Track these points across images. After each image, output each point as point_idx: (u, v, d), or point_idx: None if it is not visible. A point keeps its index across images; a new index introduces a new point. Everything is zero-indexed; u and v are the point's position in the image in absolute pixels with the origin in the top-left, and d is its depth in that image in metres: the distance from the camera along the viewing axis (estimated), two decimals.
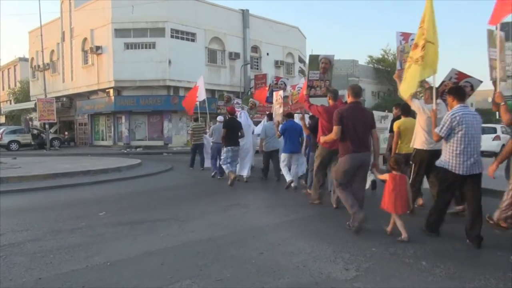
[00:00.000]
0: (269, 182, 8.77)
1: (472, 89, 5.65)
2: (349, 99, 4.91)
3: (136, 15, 23.11)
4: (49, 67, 29.11)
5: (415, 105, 5.35)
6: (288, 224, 5.22)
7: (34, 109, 27.68)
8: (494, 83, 4.99)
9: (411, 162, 5.51)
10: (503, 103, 4.23)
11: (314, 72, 7.61)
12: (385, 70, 38.80)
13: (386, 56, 39.40)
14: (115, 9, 23.18)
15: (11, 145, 23.79)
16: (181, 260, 3.79)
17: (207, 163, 11.37)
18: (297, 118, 9.20)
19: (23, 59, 38.97)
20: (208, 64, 25.74)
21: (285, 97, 10.40)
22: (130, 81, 23.80)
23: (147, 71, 23.33)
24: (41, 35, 24.62)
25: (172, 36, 23.81)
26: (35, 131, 26.38)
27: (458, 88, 4.66)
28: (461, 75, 5.59)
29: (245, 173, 9.36)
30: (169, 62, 23.46)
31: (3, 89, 43.27)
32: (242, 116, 9.98)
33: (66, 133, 30.02)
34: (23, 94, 35.74)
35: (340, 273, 3.43)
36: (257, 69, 28.85)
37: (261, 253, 3.98)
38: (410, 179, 5.25)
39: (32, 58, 32.05)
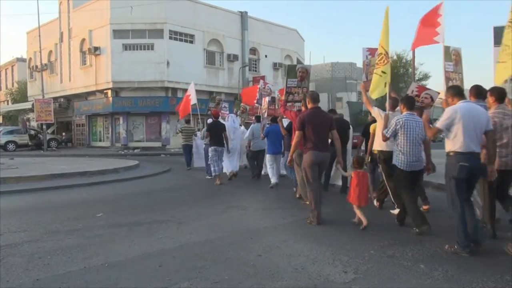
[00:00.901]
0: (266, 185, 8.77)
1: (432, 100, 6.15)
2: (309, 105, 5.52)
3: (134, 16, 23.10)
4: (47, 68, 29.04)
5: (374, 112, 5.96)
6: (286, 226, 5.21)
7: (31, 110, 27.59)
8: None
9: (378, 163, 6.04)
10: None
11: (292, 80, 8.46)
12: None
13: None
14: (113, 10, 23.17)
15: (8, 146, 23.72)
16: (179, 262, 3.78)
17: (197, 163, 12.07)
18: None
19: (20, 60, 38.87)
20: (206, 66, 25.75)
21: (272, 99, 11.19)
22: (128, 82, 23.77)
23: (145, 72, 23.31)
24: (39, 35, 24.58)
25: (170, 38, 23.81)
26: (32, 132, 26.32)
27: (408, 98, 5.32)
28: (420, 88, 6.26)
29: (234, 168, 10.04)
30: (168, 63, 23.46)
31: (1, 90, 43.13)
32: (229, 120, 10.57)
33: (63, 134, 29.92)
34: (20, 95, 35.66)
35: (339, 275, 3.44)
36: (256, 71, 28.89)
37: (259, 255, 3.98)
38: (383, 179, 5.94)
39: (30, 59, 31.98)
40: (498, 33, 6.29)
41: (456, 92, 4.23)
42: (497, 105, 4.47)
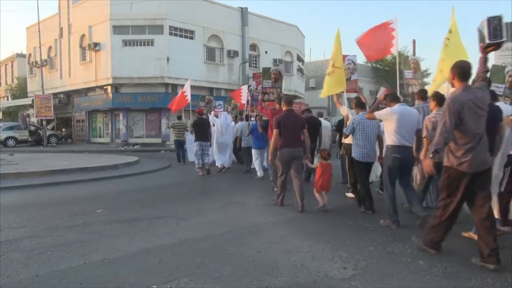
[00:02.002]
0: (265, 181, 8.77)
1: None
2: (284, 108, 6.24)
3: (134, 12, 23.01)
4: (46, 63, 28.95)
5: (343, 110, 7.11)
6: (285, 223, 5.22)
7: (31, 106, 27.56)
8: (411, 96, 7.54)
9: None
10: None
11: (267, 81, 9.61)
12: (383, 69, 38.79)
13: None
14: (113, 5, 23.09)
15: (8, 142, 23.68)
16: (179, 258, 3.79)
17: (190, 157, 12.29)
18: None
19: (20, 55, 38.72)
20: (206, 62, 25.68)
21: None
22: (128, 78, 23.71)
23: (145, 68, 23.25)
24: (39, 31, 24.49)
25: (170, 34, 23.72)
26: (32, 128, 26.29)
27: (360, 100, 6.41)
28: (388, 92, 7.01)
29: (224, 162, 10.93)
30: (168, 59, 23.39)
31: (0, 85, 43.05)
32: (222, 117, 10.97)
33: (63, 129, 29.90)
34: (20, 90, 35.59)
35: (338, 271, 3.44)
36: (256, 67, 28.79)
37: (259, 251, 3.98)
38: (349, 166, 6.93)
39: (30, 54, 31.87)
40: (406, 60, 8.66)
41: (392, 98, 5.22)
42: (438, 108, 5.10)
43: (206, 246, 4.15)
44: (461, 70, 3.62)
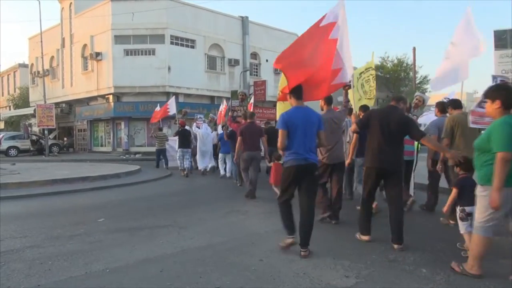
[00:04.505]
0: (266, 190, 8.75)
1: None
2: (247, 121, 8.13)
3: (136, 22, 23.17)
4: (48, 73, 29.11)
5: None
6: None
7: (33, 115, 27.63)
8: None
9: None
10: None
11: (235, 101, 13.09)
12: (384, 77, 38.91)
13: (384, 63, 39.51)
14: (115, 15, 23.26)
15: (10, 151, 23.72)
16: (180, 267, 3.78)
17: (170, 164, 14.26)
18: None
19: (22, 65, 38.97)
20: (207, 71, 25.80)
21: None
22: (129, 87, 23.82)
23: (147, 77, 23.35)
24: (41, 41, 24.68)
25: (171, 43, 23.87)
26: (34, 137, 26.34)
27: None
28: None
29: (206, 165, 12.74)
30: (169, 68, 23.51)
31: (2, 95, 43.24)
32: (203, 127, 12.86)
33: (65, 139, 29.95)
34: (22, 100, 35.72)
35: (340, 280, 3.43)
36: (257, 75, 28.92)
37: (261, 260, 3.97)
38: None
39: (32, 64, 32.07)
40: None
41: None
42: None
43: (208, 255, 4.14)
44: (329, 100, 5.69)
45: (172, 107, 15.68)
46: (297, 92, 4.42)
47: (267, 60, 29.47)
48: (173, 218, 6.03)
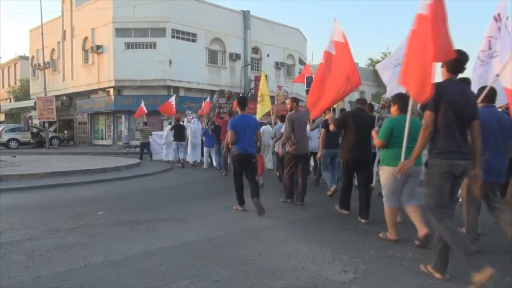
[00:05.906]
0: (267, 185, 8.78)
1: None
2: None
3: (137, 15, 23.09)
4: (49, 66, 29.07)
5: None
6: (286, 226, 5.22)
7: (34, 108, 27.63)
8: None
9: None
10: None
11: (222, 99, 14.30)
12: None
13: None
14: (116, 8, 23.18)
15: (10, 143, 23.73)
16: (179, 260, 3.79)
17: (154, 157, 15.37)
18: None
19: (23, 58, 38.90)
20: (208, 65, 25.73)
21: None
22: (130, 81, 23.78)
23: (148, 71, 23.30)
24: (42, 33, 24.57)
25: (173, 36, 23.79)
26: (35, 130, 26.33)
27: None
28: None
29: (196, 158, 13.67)
30: (170, 62, 23.45)
31: (3, 87, 43.18)
32: (195, 123, 13.96)
33: (65, 132, 29.94)
34: (23, 93, 35.68)
35: (339, 275, 3.44)
36: (258, 70, 28.84)
37: (260, 254, 3.98)
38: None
39: (33, 57, 32.00)
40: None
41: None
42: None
43: (207, 248, 4.15)
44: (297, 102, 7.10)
45: (173, 104, 16.05)
46: (241, 104, 6.42)
47: (268, 55, 29.41)
48: (172, 211, 6.04)
